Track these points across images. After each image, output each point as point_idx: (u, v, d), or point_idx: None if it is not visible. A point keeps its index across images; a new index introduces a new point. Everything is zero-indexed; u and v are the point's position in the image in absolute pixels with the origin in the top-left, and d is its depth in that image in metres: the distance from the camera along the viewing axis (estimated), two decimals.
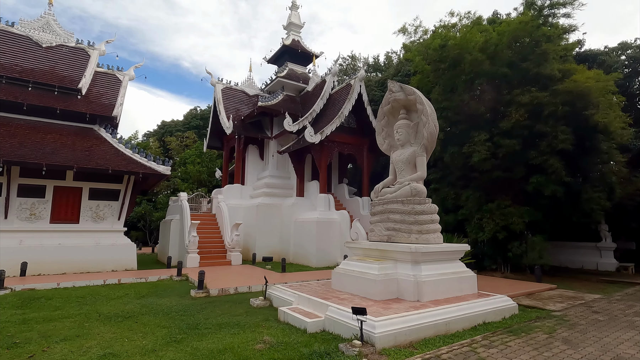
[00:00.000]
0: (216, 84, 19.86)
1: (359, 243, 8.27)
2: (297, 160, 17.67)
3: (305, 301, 6.85)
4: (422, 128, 8.24)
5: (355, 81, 16.71)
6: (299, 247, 15.55)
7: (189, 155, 28.86)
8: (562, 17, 12.44)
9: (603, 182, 11.75)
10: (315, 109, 17.24)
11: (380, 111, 9.26)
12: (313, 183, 17.34)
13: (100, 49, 16.51)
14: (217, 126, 19.82)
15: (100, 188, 13.57)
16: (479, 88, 12.44)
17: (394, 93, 8.62)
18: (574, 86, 10.65)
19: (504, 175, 12.18)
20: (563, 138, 10.80)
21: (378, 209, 8.29)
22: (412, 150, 8.29)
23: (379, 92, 23.45)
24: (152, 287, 9.85)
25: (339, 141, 16.85)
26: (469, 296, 7.11)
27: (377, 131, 9.37)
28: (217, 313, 7.08)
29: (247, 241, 16.57)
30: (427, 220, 7.47)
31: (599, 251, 14.66)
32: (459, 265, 7.62)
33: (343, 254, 14.48)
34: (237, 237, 14.68)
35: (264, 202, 16.79)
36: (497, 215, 12.24)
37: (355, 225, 14.61)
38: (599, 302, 8.20)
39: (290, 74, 20.57)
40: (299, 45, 21.73)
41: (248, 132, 18.46)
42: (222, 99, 19.53)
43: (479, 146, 11.88)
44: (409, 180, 7.94)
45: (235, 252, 14.73)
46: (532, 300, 8.28)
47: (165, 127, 37.92)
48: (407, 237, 7.43)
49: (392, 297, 6.77)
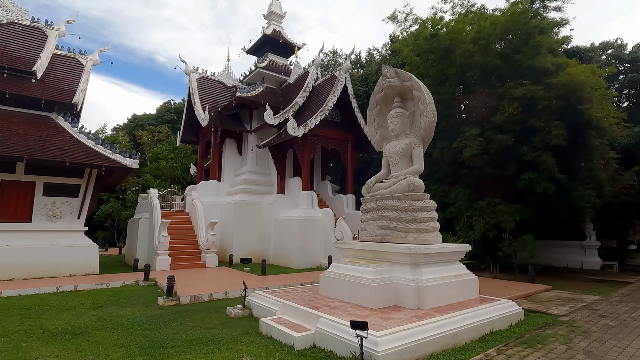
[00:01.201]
0: (191, 73, 18.54)
1: (349, 244, 7.48)
2: (278, 156, 16.70)
3: (291, 310, 5.98)
4: (419, 117, 7.53)
5: (340, 73, 15.93)
6: (280, 247, 14.61)
7: (162, 150, 27.23)
8: (553, 10, 12.14)
9: (593, 179, 11.52)
10: (298, 101, 16.33)
11: (372, 99, 8.49)
12: (295, 179, 16.44)
13: (60, 30, 14.91)
14: (192, 118, 18.52)
15: (57, 183, 12.11)
16: (470, 80, 11.93)
17: (389, 79, 7.87)
18: (568, 79, 10.30)
19: (495, 172, 11.75)
20: (557, 133, 10.44)
21: (370, 206, 7.52)
22: (408, 142, 7.57)
23: (362, 87, 22.84)
24: (113, 295, 8.66)
25: (322, 135, 16.02)
26: (472, 302, 6.46)
27: (369, 121, 8.60)
28: (188, 326, 6.09)
29: (224, 241, 15.47)
30: (426, 218, 6.76)
31: (583, 250, 14.58)
32: (460, 267, 6.97)
33: (327, 254, 13.68)
34: (212, 237, 13.57)
35: (242, 199, 15.73)
36: (488, 214, 11.79)
37: (340, 224, 13.84)
38: (601, 304, 7.78)
39: (270, 65, 19.53)
40: (280, 35, 20.72)
41: (225, 125, 17.30)
42: (198, 89, 18.25)
43: (471, 141, 11.37)
44: (405, 174, 7.22)
45: (211, 254, 13.62)
46: (533, 304, 7.76)
47: (136, 121, 35.81)
48: (403, 237, 6.70)
49: (389, 304, 6.01)
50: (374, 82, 23.07)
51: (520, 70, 11.24)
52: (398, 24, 13.04)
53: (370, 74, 23.73)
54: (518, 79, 11.08)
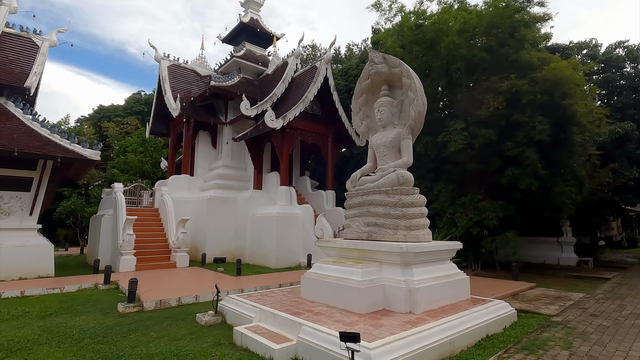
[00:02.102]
0: (161, 59, 17.31)
1: (333, 242, 6.90)
2: (255, 149, 15.90)
3: (269, 317, 5.33)
4: (407, 106, 7.06)
5: (321, 63, 15.30)
6: (257, 245, 13.86)
7: (130, 143, 25.62)
8: (537, 5, 12.02)
9: (574, 175, 11.52)
10: (276, 92, 15.57)
11: (357, 87, 7.94)
12: (273, 174, 15.70)
13: (11, 6, 13.39)
14: (162, 109, 17.33)
15: (4, 175, 10.82)
16: (455, 74, 11.62)
17: (376, 65, 7.33)
18: (553, 74, 10.16)
19: (478, 168, 11.52)
20: (541, 129, 10.29)
21: (356, 201, 6.97)
22: (396, 132, 7.07)
23: (342, 81, 22.33)
24: (67, 301, 7.68)
25: (302, 129, 15.35)
26: (464, 303, 6.05)
27: (354, 111, 8.04)
28: (151, 337, 5.32)
29: (196, 240, 14.53)
30: (417, 213, 6.28)
31: (560, 246, 14.74)
32: (451, 266, 6.55)
33: (306, 252, 13.07)
34: (183, 235, 12.64)
35: (216, 195, 14.82)
36: (471, 210, 11.55)
37: (321, 221, 13.26)
38: (588, 303, 7.61)
39: (247, 54, 18.61)
40: (258, 24, 19.81)
41: (199, 116, 16.27)
42: (169, 78, 17.08)
43: (455, 135, 11.07)
44: (394, 167, 6.71)
45: (181, 253, 12.68)
46: (522, 303, 7.48)
47: (102, 112, 33.65)
48: (392, 234, 6.19)
49: (378, 308, 5.48)
50: (354, 76, 22.62)
51: (505, 64, 11.03)
52: (382, 13, 12.56)
53: (351, 67, 23.24)
54: (503, 73, 10.86)
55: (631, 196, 14.12)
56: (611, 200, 14.04)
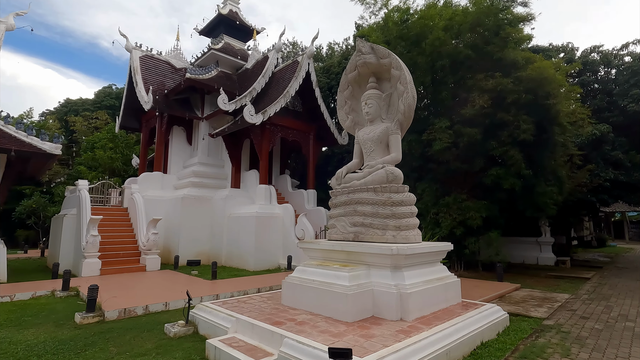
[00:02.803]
0: (133, 49, 16.28)
1: (316, 243, 6.41)
2: (233, 146, 15.19)
3: (246, 328, 4.78)
4: (396, 100, 6.68)
5: (303, 58, 14.78)
6: (234, 247, 13.19)
7: (99, 138, 24.21)
8: (520, 5, 11.98)
9: (554, 176, 11.55)
10: (256, 87, 14.93)
11: (343, 79, 7.50)
12: (251, 172, 15.05)
13: None
14: (133, 102, 16.31)
15: None
16: (440, 71, 11.41)
17: (364, 55, 6.91)
18: (537, 73, 10.11)
19: (462, 167, 11.36)
20: (525, 128, 10.21)
21: (341, 200, 6.52)
22: (384, 127, 6.68)
23: (324, 78, 21.90)
24: (16, 311, 6.83)
25: (282, 125, 14.79)
26: (456, 308, 5.72)
27: (339, 104, 7.60)
28: (110, 353, 4.67)
29: (169, 241, 13.68)
30: (407, 213, 5.90)
31: (539, 246, 14.88)
32: (442, 269, 6.21)
33: (286, 254, 12.53)
34: (154, 236, 11.80)
35: (191, 193, 14.02)
36: (454, 210, 11.37)
37: (302, 221, 12.74)
38: (575, 304, 7.49)
39: (226, 47, 17.84)
40: (237, 17, 19.07)
41: (173, 110, 15.38)
42: (141, 69, 16.08)
43: (440, 134, 10.85)
44: (382, 163, 6.31)
45: (152, 255, 11.84)
46: (510, 305, 7.26)
47: (69, 106, 31.73)
48: (380, 235, 5.78)
49: (366, 315, 5.05)
50: (336, 74, 22.23)
51: (490, 62, 10.92)
52: (367, 6, 12.20)
53: (333, 65, 22.83)
54: (488, 71, 10.74)
55: (607, 196, 14.43)
56: (588, 201, 14.29)
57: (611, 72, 17.20)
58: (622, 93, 15.23)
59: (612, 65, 16.59)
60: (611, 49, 16.92)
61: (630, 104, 14.36)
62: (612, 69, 16.71)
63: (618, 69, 16.32)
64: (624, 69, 15.79)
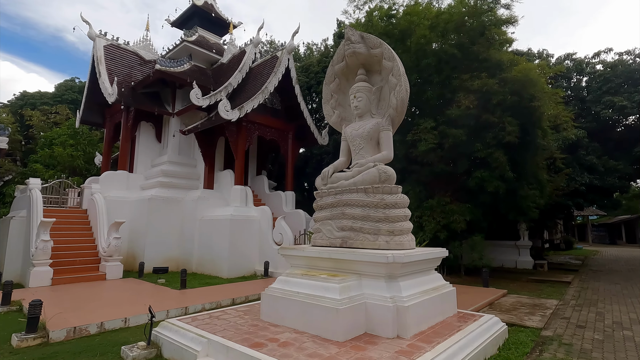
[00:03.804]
0: (96, 37, 14.97)
1: (300, 249, 5.76)
2: (207, 144, 14.25)
3: (220, 351, 4.06)
4: (388, 93, 6.19)
5: (282, 53, 14.11)
6: (206, 252, 12.25)
7: (59, 134, 22.35)
8: (502, 7, 11.92)
9: (536, 179, 11.51)
10: (232, 82, 14.08)
11: (329, 71, 6.92)
12: (226, 173, 14.17)
13: None
14: (97, 94, 14.99)
15: None
16: (426, 70, 11.09)
17: (353, 44, 6.35)
18: (523, 74, 9.99)
19: (447, 169, 11.09)
20: (510, 130, 10.05)
21: (328, 202, 5.91)
22: (374, 123, 6.16)
23: (303, 77, 21.29)
24: None
25: (260, 123, 14.02)
26: (453, 320, 5.25)
27: (324, 98, 7.02)
28: None
29: (134, 246, 12.55)
30: (400, 216, 5.37)
31: (517, 249, 14.90)
32: (437, 277, 5.74)
33: (263, 260, 11.76)
34: (116, 241, 10.69)
35: (160, 194, 12.96)
36: (438, 213, 11.06)
37: (280, 224, 12.02)
38: (566, 311, 7.25)
39: (200, 40, 16.86)
40: (213, 9, 18.11)
41: (141, 104, 14.23)
42: (105, 59, 14.80)
43: (426, 134, 10.52)
44: (373, 161, 5.77)
45: (114, 262, 10.73)
46: (502, 313, 6.91)
47: (25, 99, 29.25)
48: (372, 241, 5.22)
49: (359, 332, 4.45)
50: (315, 73, 21.69)
51: (476, 62, 10.74)
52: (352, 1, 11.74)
53: (312, 64, 22.29)
54: (474, 72, 10.52)
55: (582, 200, 14.70)
56: (565, 205, 14.47)
57: (583, 80, 17.70)
58: (595, 100, 15.62)
59: (585, 72, 17.03)
60: (583, 57, 17.40)
61: (604, 110, 14.72)
62: (585, 76, 17.16)
63: (590, 77, 16.76)
64: (596, 76, 16.21)
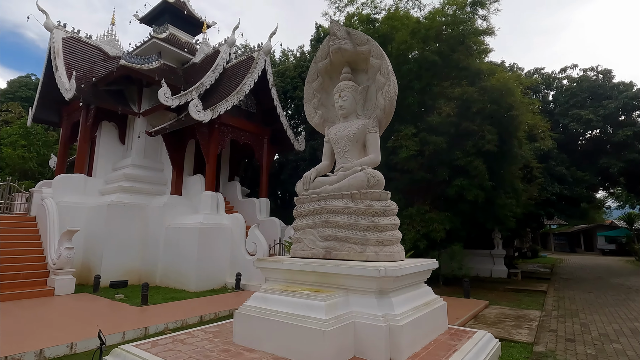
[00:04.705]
0: (54, 28, 13.73)
1: (279, 261, 5.16)
2: (175, 147, 13.34)
3: None
4: (375, 93, 5.80)
5: (259, 54, 13.55)
6: (172, 263, 11.30)
7: (9, 134, 20.46)
8: (480, 18, 12.05)
9: (512, 188, 11.56)
10: (205, 82, 13.33)
11: (312, 68, 6.45)
12: (196, 178, 13.30)
13: None
14: (53, 90, 13.70)
15: None
16: (406, 75, 10.91)
17: (338, 39, 5.93)
18: (501, 84, 10.03)
19: (427, 177, 10.90)
20: (490, 138, 10.02)
21: (309, 208, 5.38)
22: (360, 124, 5.72)
23: (279, 82, 20.77)
24: None
25: (234, 126, 13.32)
26: (446, 338, 4.84)
27: (307, 97, 6.53)
28: None
29: (90, 257, 11.37)
30: (390, 224, 4.94)
31: (492, 258, 14.97)
32: (428, 291, 5.34)
33: (235, 271, 10.98)
34: (68, 252, 9.56)
35: (121, 200, 11.88)
36: (418, 222, 10.82)
37: (254, 233, 11.30)
38: (551, 323, 7.09)
39: (171, 38, 15.99)
40: (186, 7, 17.32)
41: (102, 102, 13.11)
42: (64, 53, 13.60)
43: (407, 141, 10.29)
44: (360, 165, 5.33)
45: (64, 275, 9.58)
46: (489, 327, 6.61)
47: None
48: (359, 252, 4.74)
49: (347, 356, 3.92)
50: (291, 78, 21.26)
51: (456, 70, 10.71)
52: (332, 2, 11.44)
53: (288, 69, 21.88)
54: (454, 79, 10.47)
55: (553, 210, 15.05)
56: (536, 214, 14.74)
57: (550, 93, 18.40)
58: (563, 113, 16.20)
59: (553, 87, 17.70)
60: (551, 71, 18.11)
61: (571, 123, 15.24)
62: (552, 90, 17.83)
63: (557, 91, 17.42)
64: (563, 90, 16.86)
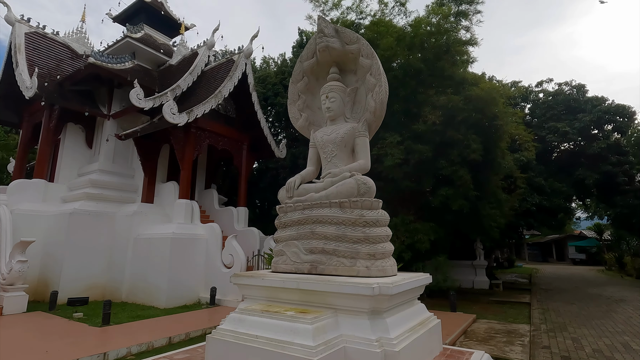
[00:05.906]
0: (16, 22, 12.72)
1: (259, 276, 4.61)
2: (148, 151, 12.53)
3: None
4: (365, 95, 5.42)
5: (239, 57, 13.05)
6: (141, 277, 10.43)
7: None
8: (462, 29, 12.11)
9: (496, 198, 11.50)
10: (181, 85, 12.67)
11: (297, 68, 6.02)
12: (169, 185, 12.51)
13: None
14: (13, 89, 12.62)
15: None
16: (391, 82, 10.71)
17: (326, 37, 5.54)
18: (486, 93, 9.99)
19: (411, 186, 10.65)
20: (475, 148, 9.92)
21: (293, 218, 4.88)
22: (349, 127, 5.31)
23: (259, 88, 20.29)
24: None
25: (211, 131, 12.68)
26: (441, 359, 4.42)
27: (291, 98, 6.08)
28: None
29: (47, 272, 10.34)
30: (382, 236, 4.51)
31: (474, 269, 14.87)
32: (421, 308, 4.90)
33: (209, 285, 10.25)
34: (21, 265, 8.58)
35: (85, 208, 10.93)
36: (402, 233, 10.53)
37: (231, 244, 10.63)
38: (542, 339, 6.84)
39: (146, 39, 15.25)
40: (163, 7, 16.64)
41: (68, 102, 12.17)
42: (26, 49, 12.60)
43: (392, 149, 10.04)
44: (349, 171, 4.91)
45: (16, 292, 8.58)
46: (480, 344, 6.28)
47: None
48: (349, 266, 4.28)
49: None
50: (272, 84, 20.84)
51: (441, 78, 10.62)
52: (317, 4, 11.17)
53: (269, 75, 21.48)
54: (439, 87, 10.36)
55: (532, 220, 15.19)
56: (517, 224, 14.81)
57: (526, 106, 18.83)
58: (539, 125, 16.55)
59: (529, 100, 18.11)
60: (527, 85, 18.56)
61: (549, 135, 15.54)
62: (529, 103, 18.25)
63: (534, 103, 17.83)
64: (540, 103, 17.26)
